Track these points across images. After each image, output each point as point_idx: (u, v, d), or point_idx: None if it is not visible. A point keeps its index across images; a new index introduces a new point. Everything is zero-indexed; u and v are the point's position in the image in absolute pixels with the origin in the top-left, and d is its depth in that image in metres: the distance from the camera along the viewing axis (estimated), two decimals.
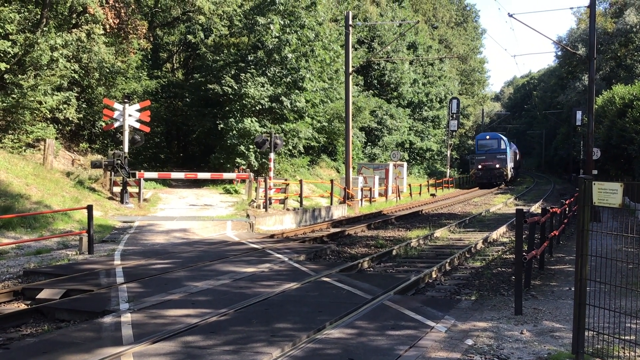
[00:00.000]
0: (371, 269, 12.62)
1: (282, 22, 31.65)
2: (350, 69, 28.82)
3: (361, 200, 30.11)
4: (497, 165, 53.36)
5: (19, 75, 22.93)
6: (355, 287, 9.65)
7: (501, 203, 31.37)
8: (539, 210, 18.24)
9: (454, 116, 56.96)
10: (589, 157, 23.24)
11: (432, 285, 10.88)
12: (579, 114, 48.95)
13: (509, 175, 55.26)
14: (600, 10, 62.31)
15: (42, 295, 9.46)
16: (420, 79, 60.69)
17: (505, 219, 22.33)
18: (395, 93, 54.62)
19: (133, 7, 30.01)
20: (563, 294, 9.48)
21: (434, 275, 11.51)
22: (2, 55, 22.39)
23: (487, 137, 56.56)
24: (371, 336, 6.89)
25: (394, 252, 14.38)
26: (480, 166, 54.04)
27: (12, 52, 22.65)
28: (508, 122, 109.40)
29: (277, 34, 31.24)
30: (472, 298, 9.45)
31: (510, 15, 23.65)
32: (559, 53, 72.92)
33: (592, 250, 6.02)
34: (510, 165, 55.66)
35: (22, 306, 9.29)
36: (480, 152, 55.01)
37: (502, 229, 19.08)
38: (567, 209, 17.02)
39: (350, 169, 28.47)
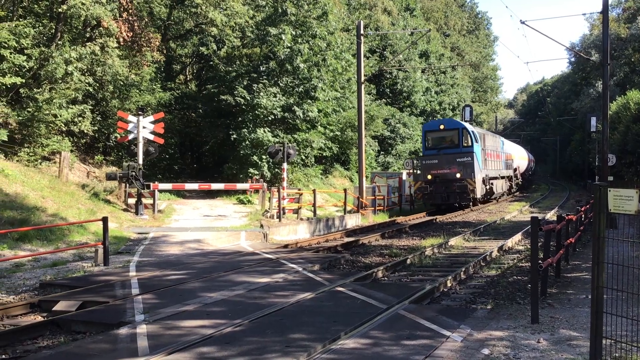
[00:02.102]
0: (385, 278, 12.57)
1: (293, 33, 31.77)
2: (362, 78, 28.85)
3: (375, 209, 30.05)
4: (458, 175, 30.32)
5: (34, 89, 23.18)
6: (369, 296, 9.62)
7: (516, 211, 31.18)
8: (555, 218, 18.06)
9: (467, 123, 55.81)
10: (604, 164, 23.06)
11: (447, 294, 10.82)
12: (593, 120, 48.51)
13: (480, 191, 31.65)
14: (613, 16, 62.00)
15: (58, 307, 9.52)
16: (433, 87, 60.59)
17: (521, 226, 22.17)
18: (407, 101, 54.56)
19: (146, 20, 30.31)
20: (580, 302, 9.38)
21: (449, 284, 11.44)
22: (17, 69, 22.66)
23: (441, 126, 32.35)
24: (386, 346, 6.85)
25: (409, 261, 14.32)
26: (429, 176, 30.87)
27: (27, 66, 22.92)
28: (522, 128, 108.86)
29: (289, 44, 31.36)
30: (488, 307, 9.38)
31: (523, 22, 23.59)
32: (572, 59, 72.68)
33: (609, 257, 5.96)
34: (482, 174, 32.42)
35: (39, 318, 9.34)
36: (429, 153, 31.69)
37: (518, 236, 18.94)
38: (583, 216, 16.87)
39: (364, 178, 28.44)
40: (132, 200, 22.47)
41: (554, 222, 11.34)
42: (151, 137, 22.77)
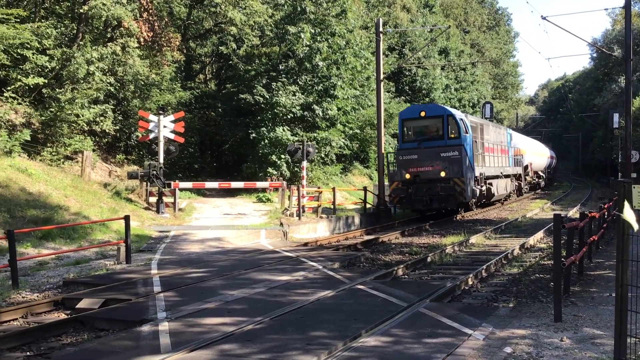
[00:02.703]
0: (406, 276, 12.53)
1: (312, 31, 31.77)
2: (382, 76, 28.76)
3: (394, 207, 29.95)
4: (443, 173, 24.31)
5: (57, 89, 23.46)
6: (390, 294, 9.59)
7: (538, 208, 30.88)
8: (577, 215, 17.86)
9: (487, 120, 55.10)
10: (628, 160, 22.77)
11: (469, 292, 10.76)
12: (616, 117, 47.86)
13: (470, 193, 24.91)
14: (635, 11, 61.05)
15: (82, 304, 9.63)
16: (453, 84, 60.22)
17: (542, 224, 21.97)
18: (427, 99, 54.29)
19: (166, 20, 30.50)
20: (603, 300, 9.27)
21: (470, 282, 11.38)
22: (40, 69, 22.95)
23: (422, 112, 25.95)
24: (407, 344, 6.83)
25: (429, 259, 14.27)
26: (407, 175, 24.90)
27: (49, 67, 23.21)
28: (543, 125, 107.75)
29: (308, 43, 31.37)
30: (510, 305, 9.31)
31: (544, 18, 23.39)
32: (594, 55, 71.82)
33: (633, 254, 5.88)
34: (476, 172, 25.73)
35: (62, 316, 9.45)
36: (408, 146, 25.56)
37: (539, 234, 18.77)
38: (606, 213, 16.67)
39: (383, 176, 28.37)
40: (153, 199, 22.66)
41: (576, 220, 11.23)
42: (172, 136, 22.93)
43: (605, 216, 16.56)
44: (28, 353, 7.56)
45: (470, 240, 17.57)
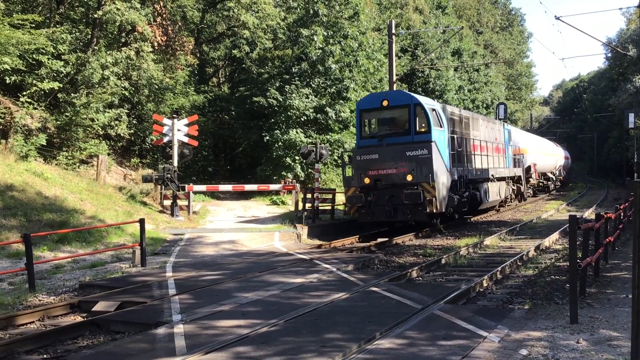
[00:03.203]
0: (420, 278, 12.50)
1: (325, 34, 31.81)
2: (394, 78, 28.73)
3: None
4: (409, 177, 19.43)
5: (72, 94, 23.68)
6: (404, 296, 9.58)
7: (553, 209, 30.67)
8: (593, 216, 17.69)
9: (501, 122, 54.45)
10: None
11: (484, 294, 10.71)
12: (631, 117, 47.41)
13: (443, 202, 19.70)
14: None
15: (98, 307, 9.70)
16: (466, 85, 59.98)
17: (558, 225, 21.82)
18: (440, 100, 54.16)
19: (180, 24, 30.70)
20: (620, 301, 9.20)
21: (485, 284, 11.32)
22: (55, 74, 23.17)
23: (384, 101, 20.62)
24: (422, 346, 6.82)
25: (443, 261, 14.22)
26: (366, 179, 20.02)
27: (64, 72, 23.43)
28: (558, 126, 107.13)
29: (321, 45, 31.41)
30: (526, 307, 9.26)
31: (557, 18, 23.27)
32: (609, 55, 71.15)
33: None
34: (453, 175, 20.84)
35: (79, 319, 9.53)
36: (367, 143, 20.80)
37: (555, 235, 18.64)
38: (622, 214, 16.52)
39: None
40: (167, 202, 22.78)
41: (592, 221, 11.14)
42: (185, 139, 23.04)
43: (621, 217, 16.42)
44: (45, 356, 7.63)
45: (484, 241, 17.49)
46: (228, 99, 38.12)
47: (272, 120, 31.23)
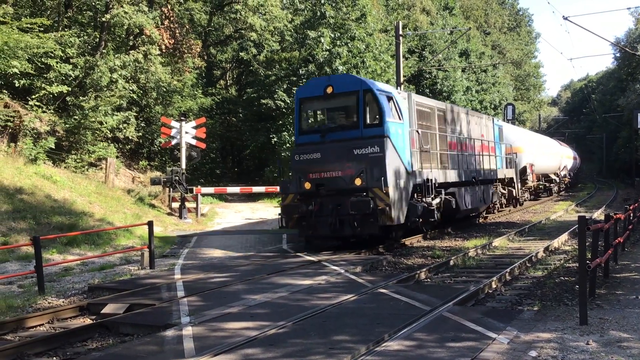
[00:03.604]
0: (428, 279, 12.46)
1: (332, 35, 31.85)
2: (402, 79, 28.70)
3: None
4: (358, 181, 15.58)
5: (80, 97, 23.81)
6: (412, 298, 9.55)
7: (562, 210, 30.54)
8: (602, 217, 17.60)
9: (510, 122, 53.70)
10: None
11: (492, 296, 10.66)
12: None
13: (400, 212, 15.80)
14: None
15: (107, 310, 9.72)
16: (474, 86, 59.86)
17: (567, 226, 21.71)
18: (448, 101, 54.06)
19: (187, 27, 30.80)
20: (630, 302, 9.14)
21: (493, 286, 11.28)
22: (63, 78, 23.30)
23: (329, 88, 16.38)
24: (431, 348, 6.80)
25: (452, 263, 14.17)
26: (306, 184, 16.16)
27: (73, 75, 23.56)
28: (566, 126, 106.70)
29: (328, 47, 31.44)
30: (535, 308, 9.21)
31: (565, 18, 23.16)
32: (618, 54, 70.86)
33: None
34: (414, 179, 16.75)
35: (88, 321, 9.56)
36: (307, 140, 16.75)
37: (564, 236, 18.55)
38: (632, 214, 16.43)
39: None
40: (175, 204, 22.86)
41: (601, 222, 11.09)
42: (193, 142, 23.11)
43: (631, 218, 16.33)
44: (54, 358, 7.67)
45: (493, 243, 17.43)
46: (235, 101, 38.21)
47: (280, 122, 31.28)
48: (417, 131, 17.45)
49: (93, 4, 26.85)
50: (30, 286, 11.98)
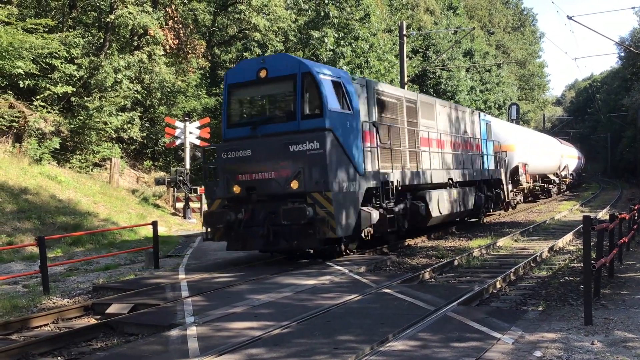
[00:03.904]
0: (433, 279, 12.45)
1: (336, 35, 31.85)
2: (406, 79, 28.70)
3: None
4: (295, 184, 12.99)
5: (85, 98, 23.87)
6: (417, 298, 9.54)
7: (566, 210, 30.48)
8: (607, 217, 17.56)
9: (514, 122, 53.39)
10: None
11: (497, 296, 10.65)
12: None
13: (352, 222, 13.53)
14: None
15: (111, 309, 9.74)
16: (478, 86, 59.80)
17: (571, 226, 21.66)
18: (451, 101, 54.04)
19: (191, 27, 30.84)
20: (635, 302, 9.12)
21: (498, 286, 11.26)
22: (68, 78, 23.36)
23: (262, 71, 13.77)
24: (435, 348, 6.79)
25: (456, 263, 14.15)
26: (235, 187, 13.66)
27: (77, 76, 23.62)
28: (571, 126, 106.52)
29: (332, 47, 31.45)
30: (539, 308, 9.20)
31: (570, 18, 23.14)
32: (622, 54, 70.74)
33: None
34: (368, 181, 14.26)
35: (92, 321, 9.57)
36: (236, 134, 14.19)
37: (569, 236, 18.52)
38: (637, 214, 16.39)
39: None
40: (180, 205, 22.90)
41: (606, 221, 11.06)
42: (197, 142, 23.14)
43: (636, 217, 16.29)
44: (59, 358, 7.68)
45: (497, 243, 17.40)
46: None
47: None
48: (374, 124, 14.95)
49: (97, 4, 26.91)
50: (35, 286, 12.01)
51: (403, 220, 15.99)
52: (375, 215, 14.04)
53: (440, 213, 17.98)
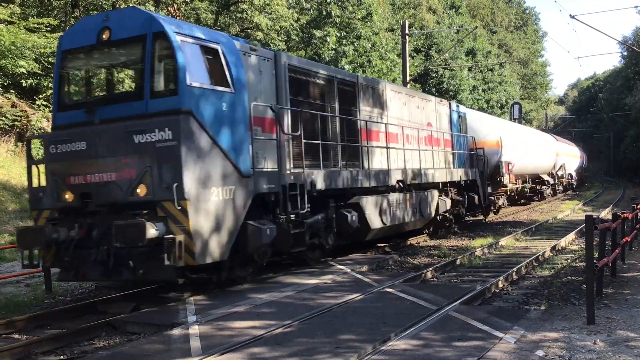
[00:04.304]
0: (435, 279, 12.45)
1: (338, 34, 31.84)
2: (408, 78, 28.69)
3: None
4: (142, 190, 9.27)
5: None
6: (419, 297, 9.54)
7: (569, 209, 30.46)
8: (609, 216, 17.53)
9: (516, 121, 52.93)
10: None
11: (499, 295, 10.65)
12: None
13: (217, 241, 9.57)
14: None
15: (114, 308, 9.75)
16: (480, 85, 59.73)
17: (574, 225, 21.64)
18: (454, 100, 53.97)
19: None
20: (637, 302, 9.10)
21: (500, 285, 11.26)
22: None
23: (105, 32, 9.90)
24: (437, 347, 6.79)
25: (458, 262, 14.15)
26: (66, 194, 9.81)
27: None
28: (573, 125, 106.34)
29: (334, 46, 31.44)
30: (542, 308, 9.19)
31: (572, 17, 23.12)
32: (625, 53, 70.58)
33: None
34: (247, 187, 10.37)
35: (95, 320, 9.58)
36: (66, 119, 10.31)
37: (571, 236, 18.50)
38: (639, 214, 16.36)
39: None
40: None
41: (609, 221, 11.05)
42: None
43: (638, 217, 16.26)
44: (61, 357, 7.70)
45: (500, 242, 17.40)
46: None
47: None
48: (273, 109, 11.39)
49: (100, 3, 26.91)
50: (38, 285, 12.03)
51: (326, 235, 13.05)
52: (269, 231, 10.72)
53: (385, 224, 14.73)
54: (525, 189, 33.56)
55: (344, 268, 12.78)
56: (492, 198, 24.87)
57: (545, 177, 37.41)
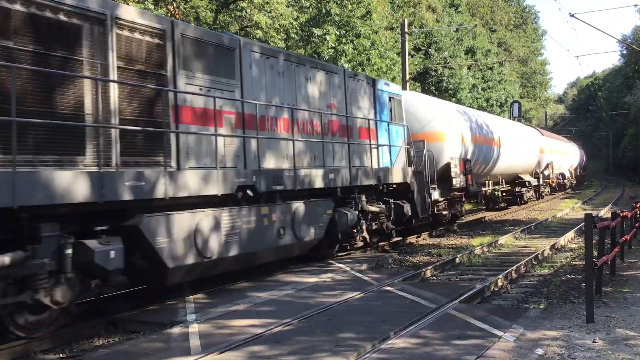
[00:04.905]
0: (434, 277, 12.46)
1: (337, 33, 31.81)
2: (407, 77, 28.69)
3: None
4: None
5: None
6: (418, 296, 9.55)
7: (568, 208, 30.47)
8: (609, 215, 17.52)
9: (516, 120, 53.11)
10: None
11: (498, 294, 10.66)
12: None
13: None
14: None
15: (113, 307, 9.74)
16: (480, 83, 59.70)
17: (573, 224, 21.66)
18: (453, 99, 53.80)
19: (193, 25, 30.80)
20: (637, 300, 9.12)
21: (499, 283, 11.27)
22: None
23: None
24: (437, 346, 6.80)
25: (457, 260, 14.16)
26: None
27: None
28: (573, 124, 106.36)
29: (333, 45, 31.40)
30: (541, 306, 9.21)
31: (572, 15, 23.11)
32: (624, 52, 70.61)
33: None
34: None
35: (94, 318, 9.57)
36: None
37: (570, 234, 18.52)
38: (639, 212, 16.38)
39: None
40: None
41: (608, 219, 11.06)
42: None
43: (638, 215, 16.28)
44: (61, 355, 7.69)
45: (499, 241, 17.40)
46: None
47: None
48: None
49: None
50: None
51: (65, 287, 7.96)
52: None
53: (204, 257, 9.71)
54: (497, 192, 27.52)
55: (344, 266, 12.79)
56: (442, 205, 20.20)
57: (527, 178, 31.87)
